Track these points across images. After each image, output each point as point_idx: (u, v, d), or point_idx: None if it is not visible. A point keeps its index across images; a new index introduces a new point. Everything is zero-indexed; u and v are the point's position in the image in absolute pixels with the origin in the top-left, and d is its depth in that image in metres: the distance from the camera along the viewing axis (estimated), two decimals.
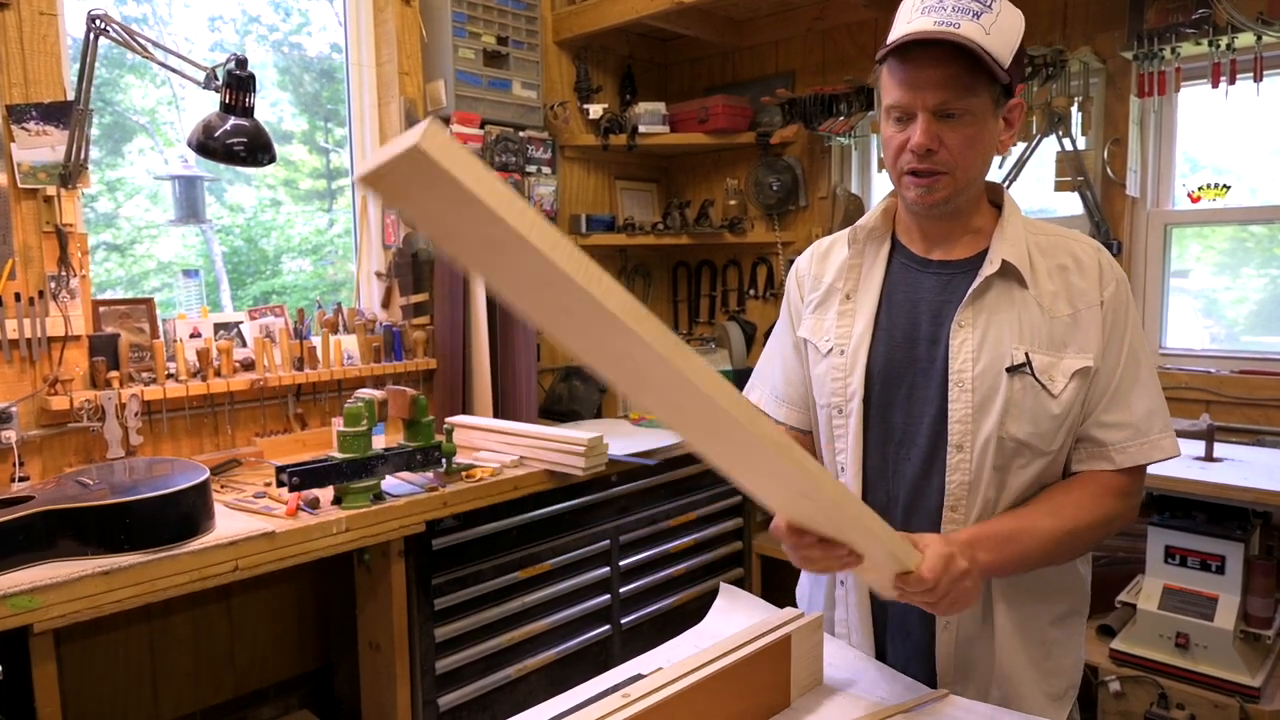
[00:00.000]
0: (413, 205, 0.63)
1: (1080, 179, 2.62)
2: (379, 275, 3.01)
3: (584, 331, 0.74)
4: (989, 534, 1.10)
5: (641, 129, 3.38)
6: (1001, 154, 1.25)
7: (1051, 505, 1.15)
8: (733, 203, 3.51)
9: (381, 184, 0.59)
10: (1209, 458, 2.27)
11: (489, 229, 0.62)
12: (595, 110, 3.38)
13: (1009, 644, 1.19)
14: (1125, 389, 1.17)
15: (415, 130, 0.57)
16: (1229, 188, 2.56)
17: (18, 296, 2.15)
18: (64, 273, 2.22)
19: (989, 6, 1.10)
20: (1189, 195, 2.63)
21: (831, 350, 1.28)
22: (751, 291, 3.62)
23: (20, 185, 2.14)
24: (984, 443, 1.15)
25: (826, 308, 1.31)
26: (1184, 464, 2.22)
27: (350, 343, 2.78)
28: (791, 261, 3.51)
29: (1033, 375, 1.14)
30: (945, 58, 1.09)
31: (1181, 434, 2.35)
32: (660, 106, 3.42)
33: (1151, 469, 1.20)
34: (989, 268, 1.17)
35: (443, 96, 2.92)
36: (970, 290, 1.17)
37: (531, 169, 3.16)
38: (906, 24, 1.11)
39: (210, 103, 2.12)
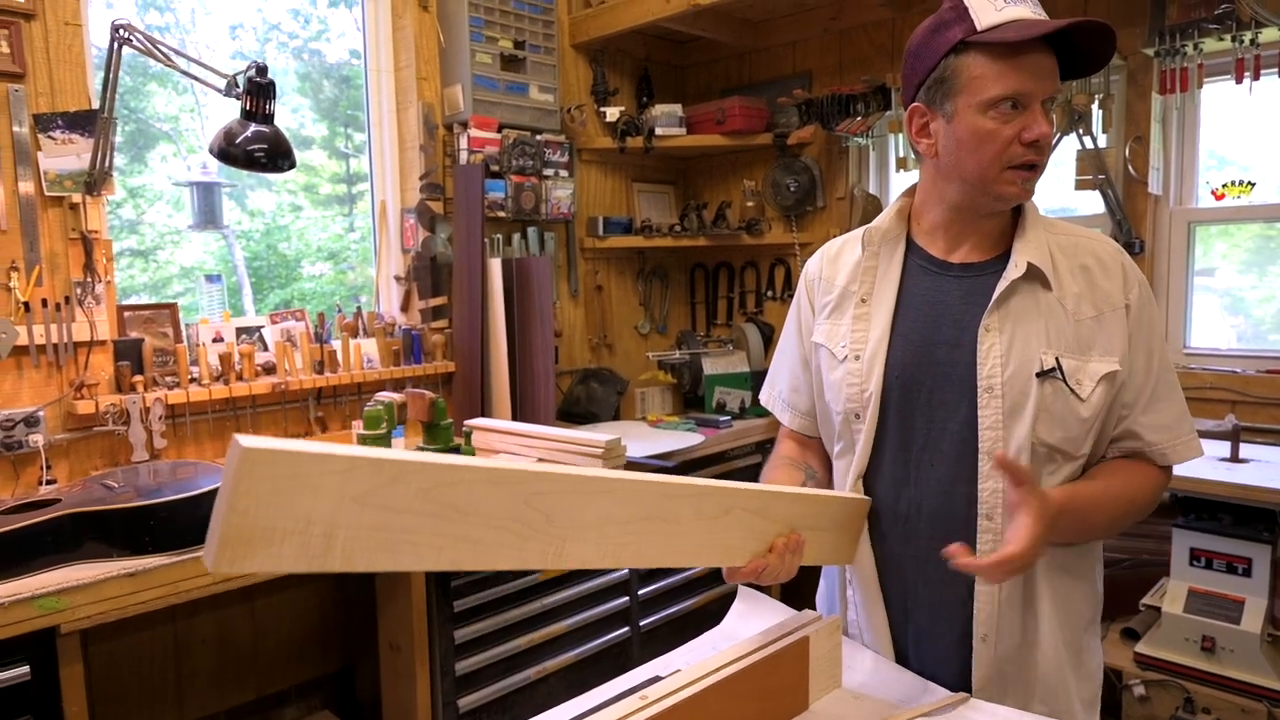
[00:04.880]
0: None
1: (1101, 177, 2.60)
2: (398, 279, 3.03)
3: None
4: (1074, 505, 1.11)
5: (658, 131, 3.38)
6: None
7: (1109, 480, 1.17)
8: (750, 204, 3.50)
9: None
10: (1235, 459, 2.24)
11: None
12: (612, 113, 3.39)
13: (1053, 654, 1.18)
14: (1160, 394, 1.17)
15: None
16: (1254, 185, 2.52)
17: (45, 302, 2.18)
18: (89, 279, 2.25)
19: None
20: (1213, 193, 2.60)
21: (847, 356, 1.26)
22: (769, 293, 3.61)
23: (47, 193, 2.18)
24: (1016, 449, 1.14)
25: (841, 312, 1.29)
26: (1209, 465, 2.19)
27: (370, 346, 2.80)
28: None
29: (1063, 380, 1.13)
30: (1048, 49, 1.10)
31: (1206, 434, 2.33)
32: (677, 108, 3.42)
33: (1174, 470, 1.21)
34: (1014, 271, 1.15)
35: (460, 101, 2.94)
36: (997, 294, 1.15)
37: (549, 172, 3.17)
38: (998, 11, 1.09)
39: (232, 110, 2.15)
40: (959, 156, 1.15)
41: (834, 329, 1.30)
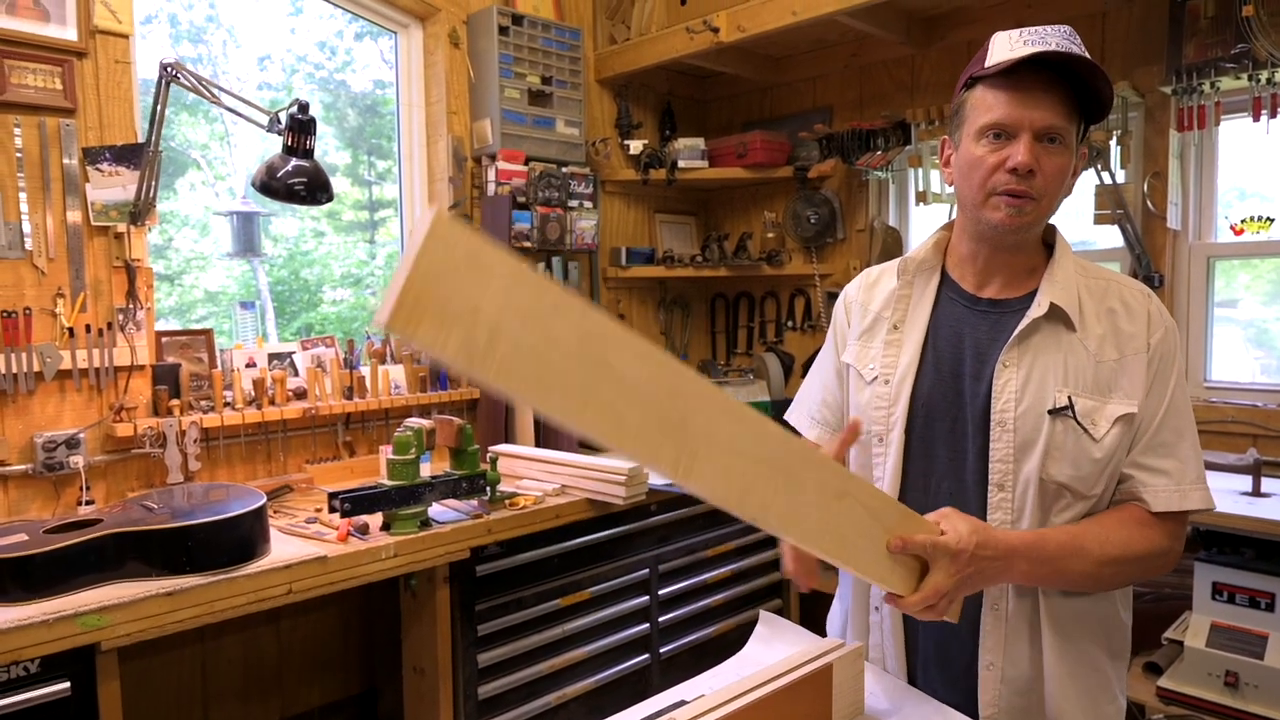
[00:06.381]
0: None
1: (1120, 212, 2.62)
2: None
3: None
4: (1036, 548, 1.11)
5: (681, 164, 3.45)
6: (1066, 195, 1.23)
7: (1103, 531, 1.15)
8: (770, 235, 3.55)
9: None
10: (1256, 493, 2.24)
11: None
12: (636, 146, 3.46)
13: (1059, 691, 1.19)
14: (1167, 438, 1.17)
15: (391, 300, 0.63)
16: (1273, 220, 2.54)
17: (88, 328, 2.26)
18: (131, 305, 2.32)
19: (1084, 51, 1.14)
20: (1232, 228, 2.62)
21: (876, 379, 1.29)
22: (789, 323, 3.65)
23: (93, 223, 2.26)
24: (1025, 483, 1.16)
25: (873, 336, 1.33)
26: (1231, 499, 2.19)
27: (398, 372, 2.86)
28: (830, 294, 3.54)
29: (1074, 419, 1.15)
30: (1053, 82, 1.12)
31: (1228, 469, 2.35)
32: (699, 142, 3.49)
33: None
34: (1036, 310, 1.18)
35: (489, 135, 3.02)
36: (1016, 331, 1.18)
37: (574, 203, 3.24)
38: (1010, 51, 1.14)
39: (259, 139, 2.21)
40: (959, 182, 1.22)
41: (864, 351, 1.33)
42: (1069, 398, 1.15)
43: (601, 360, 0.74)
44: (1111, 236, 2.74)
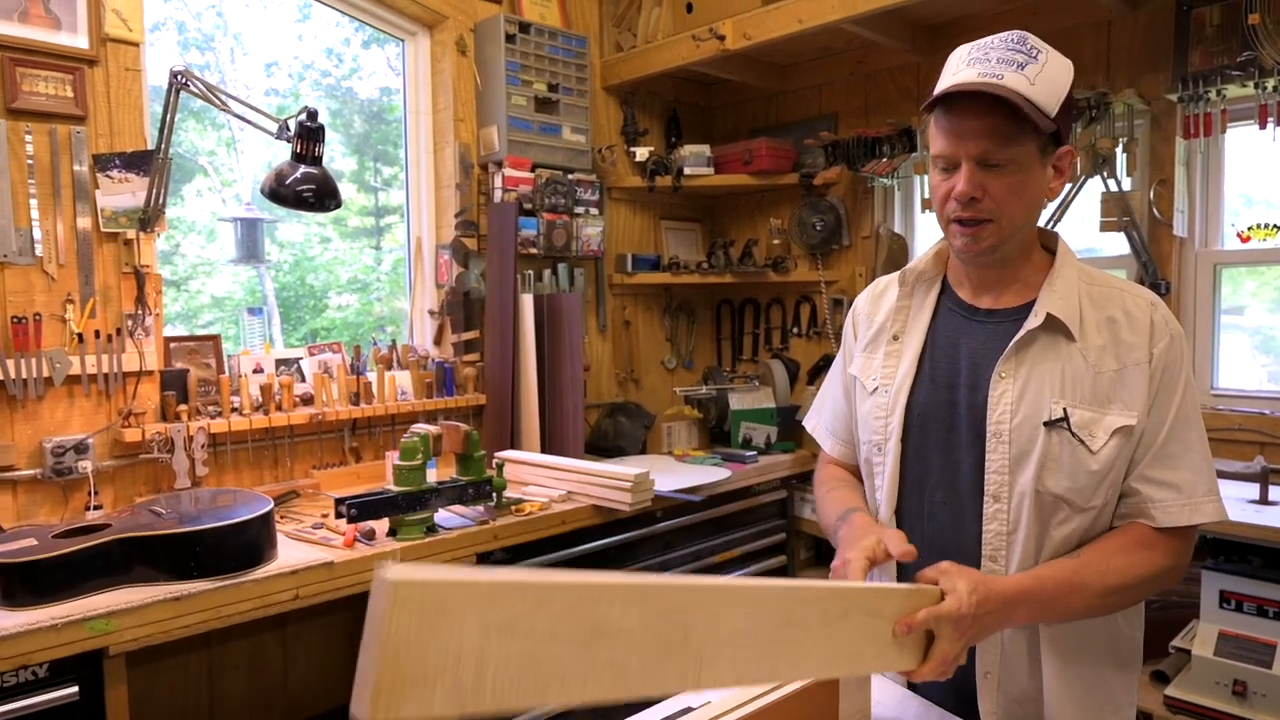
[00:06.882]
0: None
1: (1126, 219, 2.62)
2: (432, 313, 3.11)
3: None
4: (1035, 593, 1.09)
5: (687, 170, 3.46)
6: (1051, 200, 1.23)
7: (1102, 561, 1.13)
8: (776, 242, 3.56)
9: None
10: (1264, 501, 2.23)
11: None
12: (642, 153, 3.47)
13: (1058, 701, 1.18)
14: (1174, 450, 1.15)
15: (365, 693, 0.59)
16: (1279, 227, 2.54)
17: (97, 334, 2.27)
18: (140, 311, 2.34)
19: (1034, 57, 1.11)
20: (1239, 235, 2.61)
21: (877, 389, 1.31)
22: (795, 330, 3.65)
23: (103, 229, 2.28)
24: (1020, 495, 1.16)
25: (876, 347, 1.34)
26: (1239, 507, 2.19)
27: (404, 378, 2.87)
28: (836, 300, 3.53)
29: (1070, 431, 1.14)
30: (987, 109, 1.11)
31: (1235, 476, 2.34)
32: (705, 149, 3.49)
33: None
34: (1033, 321, 1.17)
35: (495, 141, 3.03)
36: (1013, 342, 1.18)
37: (580, 210, 3.25)
38: (952, 75, 1.14)
39: (265, 145, 2.22)
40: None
41: (868, 363, 1.35)
42: (1064, 409, 1.14)
43: (593, 627, 0.72)
44: (1118, 244, 2.74)
